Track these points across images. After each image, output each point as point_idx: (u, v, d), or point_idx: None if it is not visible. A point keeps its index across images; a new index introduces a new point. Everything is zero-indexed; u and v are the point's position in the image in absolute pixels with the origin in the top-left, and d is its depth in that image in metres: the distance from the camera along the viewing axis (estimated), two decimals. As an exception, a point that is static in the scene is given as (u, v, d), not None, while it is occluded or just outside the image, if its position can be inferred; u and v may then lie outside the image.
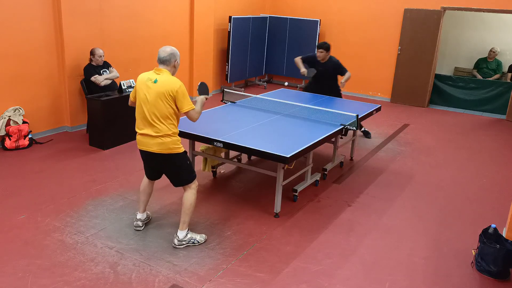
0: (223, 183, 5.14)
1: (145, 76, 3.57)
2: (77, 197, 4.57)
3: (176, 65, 3.60)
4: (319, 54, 6.30)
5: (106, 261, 3.52)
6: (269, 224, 4.23)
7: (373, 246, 3.96)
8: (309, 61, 6.49)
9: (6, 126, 5.69)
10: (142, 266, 3.48)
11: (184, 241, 3.76)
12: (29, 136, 5.87)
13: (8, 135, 5.69)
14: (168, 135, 3.53)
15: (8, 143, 5.70)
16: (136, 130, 3.66)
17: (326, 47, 6.29)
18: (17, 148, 5.75)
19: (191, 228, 3.92)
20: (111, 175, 5.13)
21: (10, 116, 5.75)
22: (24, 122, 5.85)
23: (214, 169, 5.23)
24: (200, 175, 5.18)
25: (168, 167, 3.70)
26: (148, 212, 4.17)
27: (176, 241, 3.75)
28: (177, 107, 3.52)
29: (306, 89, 6.80)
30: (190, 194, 3.73)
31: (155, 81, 3.49)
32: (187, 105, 3.50)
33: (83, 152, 5.81)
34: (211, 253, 3.70)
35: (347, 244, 3.96)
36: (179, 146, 3.61)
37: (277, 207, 4.36)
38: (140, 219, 4.01)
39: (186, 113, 3.57)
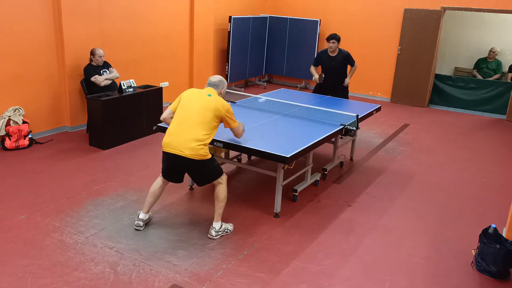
0: (223, 183, 5.13)
1: (197, 90, 3.94)
2: (77, 197, 4.57)
3: (222, 92, 4.01)
4: (331, 45, 6.30)
5: (106, 261, 3.52)
6: (269, 224, 4.23)
7: (373, 246, 3.96)
8: (318, 60, 6.51)
9: (6, 126, 5.69)
10: (142, 266, 3.48)
11: (220, 231, 3.93)
12: (29, 136, 5.87)
13: (8, 135, 5.69)
14: (202, 143, 3.67)
15: (8, 143, 5.70)
16: (168, 133, 3.77)
17: (338, 38, 6.31)
18: (17, 148, 5.75)
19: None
20: (111, 175, 5.13)
21: (10, 116, 5.75)
22: (24, 122, 5.85)
23: (214, 169, 5.23)
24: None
25: (195, 171, 3.86)
26: (150, 213, 4.17)
27: (213, 232, 3.90)
28: (222, 124, 3.90)
29: (315, 91, 6.76)
30: (222, 188, 3.90)
31: (209, 95, 3.83)
32: (234, 122, 3.92)
33: (83, 152, 5.81)
34: (211, 253, 3.70)
35: (347, 244, 3.96)
36: (208, 153, 3.75)
37: (277, 207, 4.36)
38: (142, 219, 4.02)
39: (232, 129, 3.98)
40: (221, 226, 3.96)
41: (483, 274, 3.63)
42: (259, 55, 10.33)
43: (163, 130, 4.39)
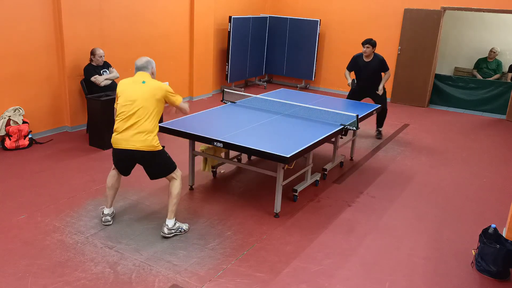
0: (223, 183, 5.14)
1: (129, 80, 3.86)
2: (77, 197, 4.57)
3: (153, 72, 3.92)
4: (366, 49, 6.27)
5: (106, 261, 3.52)
6: (269, 224, 4.23)
7: (373, 246, 3.96)
8: (353, 65, 6.47)
9: (6, 126, 5.69)
10: (142, 266, 3.48)
11: (173, 229, 3.87)
12: (29, 136, 5.87)
13: (8, 135, 5.69)
14: (151, 132, 3.68)
15: (8, 143, 5.70)
16: (116, 130, 3.76)
17: (373, 43, 6.26)
18: (17, 148, 5.75)
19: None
20: (111, 175, 5.12)
21: (10, 116, 5.75)
22: (24, 122, 5.85)
23: (214, 169, 5.23)
24: (200, 175, 5.19)
25: (148, 164, 3.83)
26: (112, 208, 4.19)
27: (166, 230, 3.84)
28: (166, 104, 3.85)
29: (349, 96, 6.76)
30: (176, 183, 3.88)
31: (143, 82, 3.74)
32: (178, 99, 3.89)
33: (83, 152, 5.81)
34: (211, 253, 3.70)
35: (347, 244, 3.96)
36: (158, 144, 3.76)
37: (277, 207, 4.36)
38: (108, 214, 4.07)
39: (179, 106, 3.93)
40: (175, 224, 3.90)
41: (483, 274, 3.63)
42: (259, 55, 10.33)
43: (162, 129, 4.40)
